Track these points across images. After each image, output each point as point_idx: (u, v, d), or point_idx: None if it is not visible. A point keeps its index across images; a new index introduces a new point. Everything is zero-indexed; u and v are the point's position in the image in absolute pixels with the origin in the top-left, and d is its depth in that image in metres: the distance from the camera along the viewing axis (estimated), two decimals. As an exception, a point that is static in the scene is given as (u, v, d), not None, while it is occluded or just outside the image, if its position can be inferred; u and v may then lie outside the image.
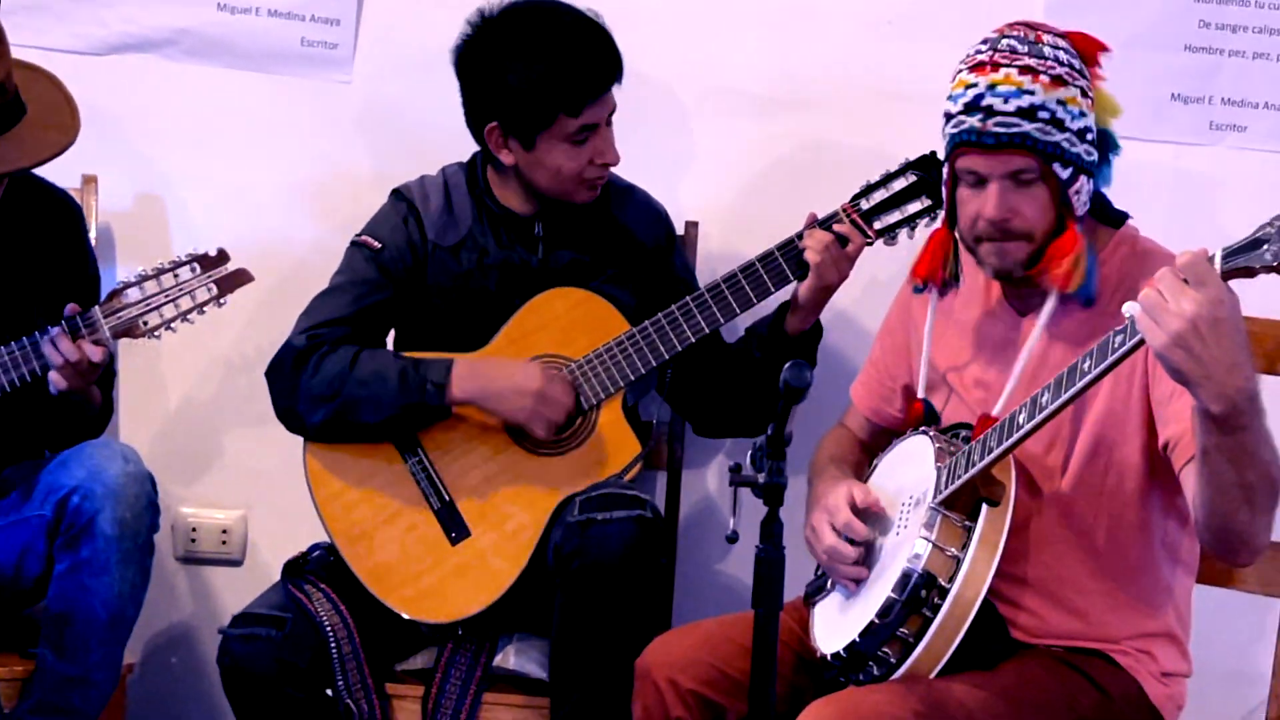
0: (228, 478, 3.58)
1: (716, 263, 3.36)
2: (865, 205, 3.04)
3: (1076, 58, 2.59)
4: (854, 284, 3.09)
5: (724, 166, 3.44)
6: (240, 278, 3.02)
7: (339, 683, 2.96)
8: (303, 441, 3.10)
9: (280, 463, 3.28)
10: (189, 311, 2.99)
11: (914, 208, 3.03)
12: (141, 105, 3.50)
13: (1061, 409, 2.40)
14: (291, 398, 3.05)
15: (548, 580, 2.94)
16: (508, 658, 3.07)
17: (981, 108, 2.53)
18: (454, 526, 3.04)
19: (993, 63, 2.55)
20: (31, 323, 2.98)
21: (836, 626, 2.62)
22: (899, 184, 3.04)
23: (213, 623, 3.44)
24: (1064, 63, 2.56)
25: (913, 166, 3.03)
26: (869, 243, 3.04)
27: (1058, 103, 2.53)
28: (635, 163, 3.12)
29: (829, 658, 2.58)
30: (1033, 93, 2.52)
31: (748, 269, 3.05)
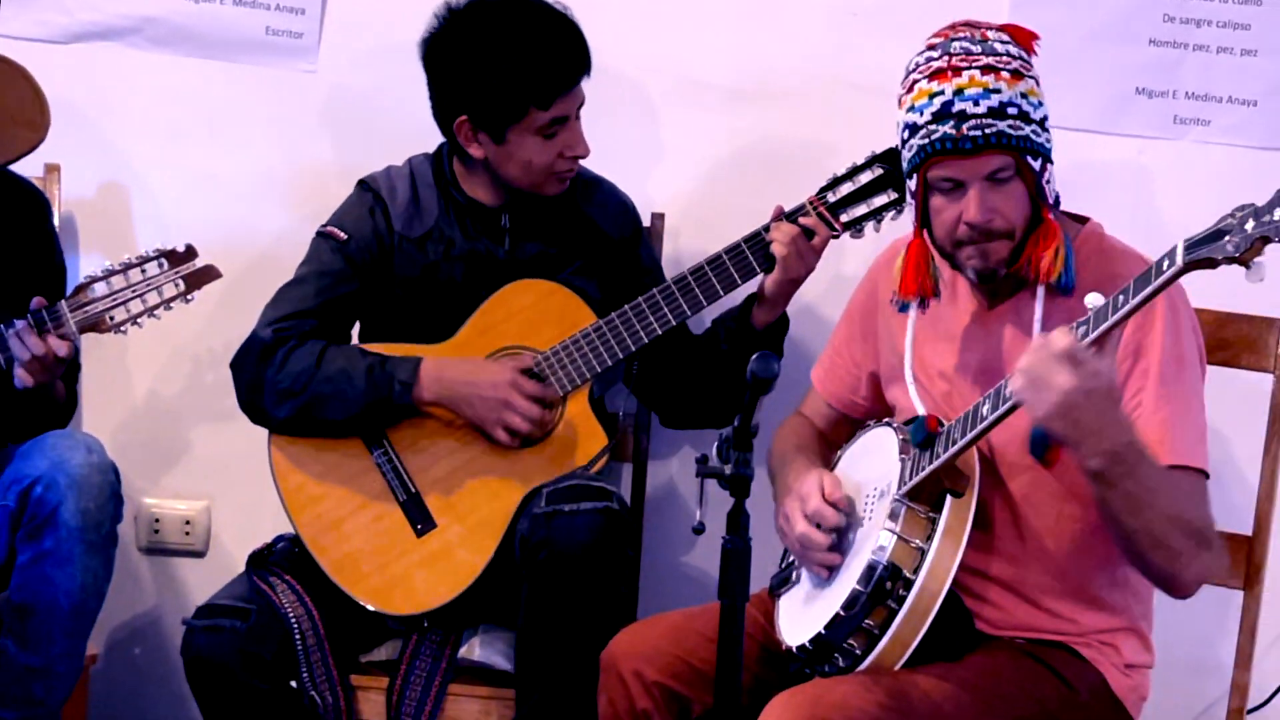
0: (191, 468, 3.57)
1: (683, 255, 3.36)
2: (832, 198, 3.05)
3: (1021, 49, 2.60)
4: (820, 277, 3.09)
5: (691, 159, 3.44)
6: (208, 274, 3.01)
7: (303, 674, 2.95)
8: (268, 433, 3.09)
9: (244, 454, 3.27)
10: (156, 307, 2.98)
11: (880, 201, 3.04)
12: (105, 94, 3.48)
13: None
14: (257, 392, 3.04)
15: (514, 572, 2.94)
16: (473, 649, 3.07)
17: (953, 114, 2.52)
18: (420, 518, 3.04)
19: (952, 67, 2.55)
20: (-3, 313, 2.97)
21: (802, 618, 2.62)
22: (865, 177, 3.04)
23: (176, 614, 3.43)
24: (1016, 56, 2.57)
25: (879, 160, 3.04)
26: (835, 236, 3.04)
27: (1021, 96, 2.54)
28: (602, 155, 3.11)
29: (794, 650, 2.59)
30: (999, 91, 2.52)
31: (715, 261, 3.05)
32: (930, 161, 2.56)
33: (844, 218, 3.05)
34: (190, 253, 3.00)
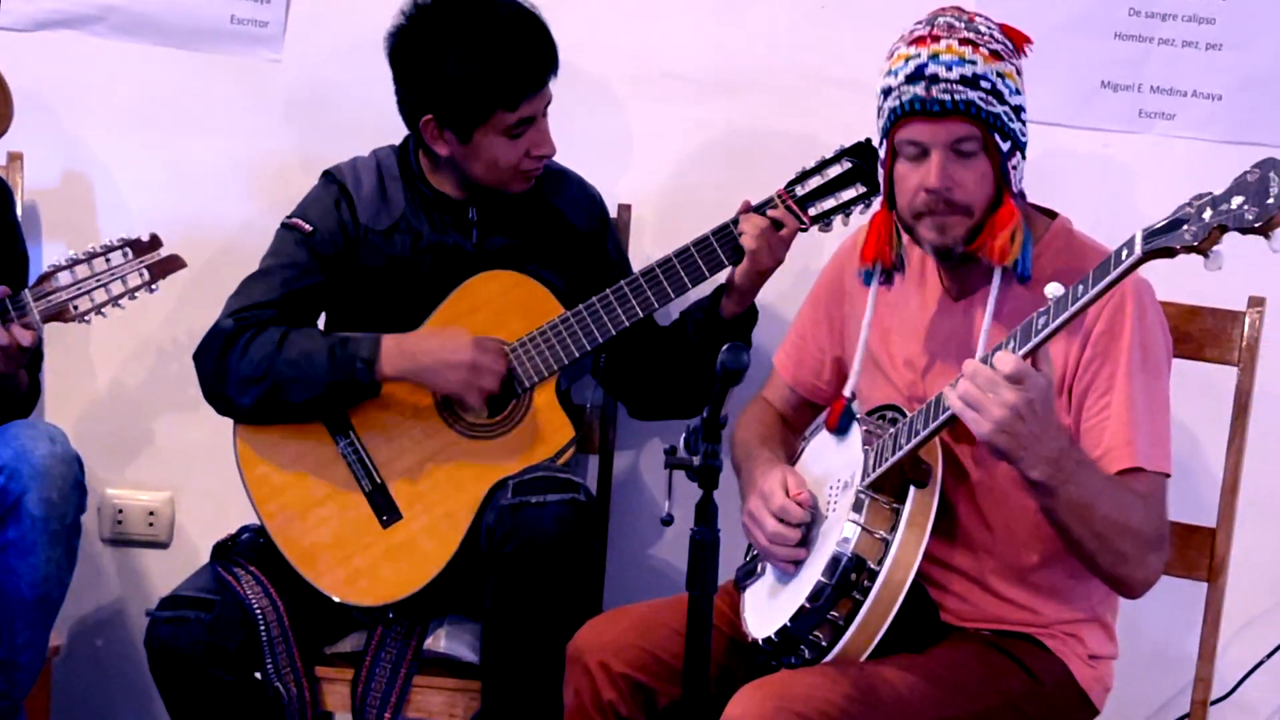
0: (155, 459, 3.56)
1: (651, 247, 3.36)
2: (800, 191, 3.05)
3: (1009, 42, 2.60)
4: (788, 269, 3.09)
5: (658, 151, 3.44)
6: (172, 264, 2.99)
7: (268, 665, 2.94)
8: (233, 423, 3.07)
9: (208, 444, 3.26)
10: (120, 296, 2.97)
11: (848, 194, 3.05)
12: (68, 82, 3.46)
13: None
14: (220, 381, 3.03)
15: (480, 563, 2.94)
16: (439, 640, 3.06)
17: (925, 76, 2.52)
18: (385, 509, 3.03)
19: (932, 35, 2.55)
20: (-42, 302, 2.95)
21: (768, 610, 2.62)
22: (834, 170, 3.05)
23: (140, 605, 3.42)
24: (999, 40, 2.58)
25: (848, 154, 3.04)
26: (803, 228, 3.05)
27: (997, 75, 2.54)
28: (570, 147, 3.11)
29: (760, 642, 2.59)
30: (974, 63, 2.53)
31: (683, 253, 3.05)
32: (899, 124, 2.56)
33: (812, 211, 3.05)
34: (155, 242, 2.98)
